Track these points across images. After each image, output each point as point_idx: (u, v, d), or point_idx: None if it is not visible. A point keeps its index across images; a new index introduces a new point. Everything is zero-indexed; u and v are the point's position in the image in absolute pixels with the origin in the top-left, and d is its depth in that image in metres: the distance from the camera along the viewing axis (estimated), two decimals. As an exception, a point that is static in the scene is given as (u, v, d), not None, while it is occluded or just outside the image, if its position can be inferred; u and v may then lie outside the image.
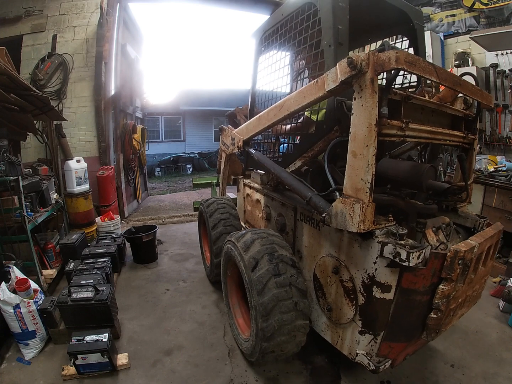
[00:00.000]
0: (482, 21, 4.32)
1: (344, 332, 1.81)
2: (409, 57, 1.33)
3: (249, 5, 6.10)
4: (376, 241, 1.45)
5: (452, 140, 1.96)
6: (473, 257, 1.52)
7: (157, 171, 13.23)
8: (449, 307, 1.55)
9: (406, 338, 1.65)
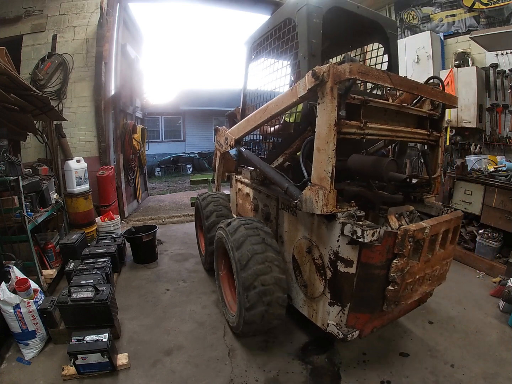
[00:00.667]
0: (482, 21, 4.32)
1: (317, 305, 2.06)
2: (361, 68, 1.60)
3: (249, 5, 6.09)
4: (338, 222, 1.73)
5: (415, 137, 2.22)
6: (425, 237, 1.74)
7: (157, 171, 13.22)
8: (404, 280, 1.77)
9: (369, 309, 1.87)
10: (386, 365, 2.14)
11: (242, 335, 2.39)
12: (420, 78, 4.74)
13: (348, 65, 1.57)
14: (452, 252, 2.13)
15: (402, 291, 1.81)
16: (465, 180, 3.75)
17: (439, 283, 2.19)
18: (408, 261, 1.73)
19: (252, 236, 2.17)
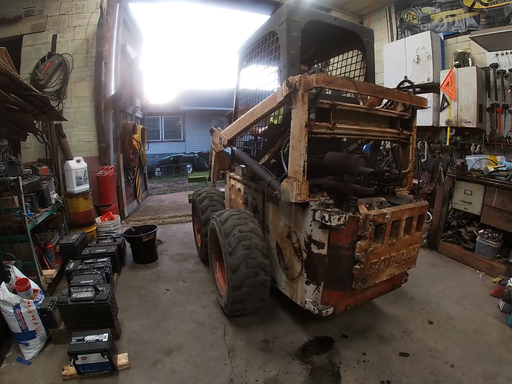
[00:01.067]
0: (482, 21, 4.32)
1: (296, 285, 2.31)
2: (326, 78, 1.88)
3: (249, 5, 6.09)
4: (310, 209, 1.99)
5: (386, 136, 2.47)
6: (386, 222, 1.97)
7: (157, 171, 13.22)
8: (369, 260, 2.00)
9: (340, 287, 2.11)
10: (386, 365, 2.14)
11: (230, 314, 2.60)
12: (420, 78, 4.79)
13: (315, 75, 1.85)
14: (419, 238, 2.34)
15: (368, 270, 2.04)
16: (465, 180, 3.75)
17: (408, 267, 2.38)
18: (371, 243, 1.98)
19: (240, 225, 2.41)
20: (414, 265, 2.41)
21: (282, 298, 2.66)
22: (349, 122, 2.19)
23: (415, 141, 2.63)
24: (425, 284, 3.27)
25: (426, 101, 2.52)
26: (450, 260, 3.84)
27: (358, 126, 2.23)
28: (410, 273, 3.53)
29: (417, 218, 2.22)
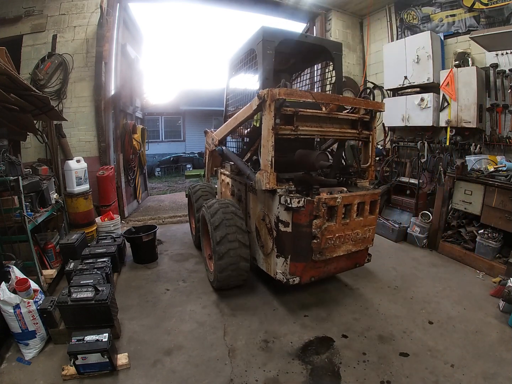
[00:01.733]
0: (482, 21, 4.32)
1: (270, 259, 2.71)
2: (287, 91, 2.31)
3: (249, 5, 6.08)
4: (277, 194, 2.43)
5: (346, 135, 2.89)
6: (337, 204, 2.41)
7: (157, 171, 13.22)
8: (324, 236, 2.43)
9: (303, 259, 2.50)
10: (386, 365, 2.14)
11: (218, 287, 3.04)
12: (420, 78, 4.79)
13: (278, 89, 2.28)
14: (374, 221, 2.75)
15: (324, 244, 2.46)
16: (465, 180, 3.75)
17: (365, 245, 2.78)
18: (324, 221, 2.42)
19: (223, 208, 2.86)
20: (371, 245, 2.83)
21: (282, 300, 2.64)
22: (312, 125, 2.61)
23: (375, 140, 2.99)
24: (425, 284, 3.27)
25: (383, 105, 2.89)
26: (450, 260, 3.84)
27: (320, 127, 2.65)
28: (410, 273, 3.54)
29: (369, 203, 2.64)
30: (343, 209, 2.50)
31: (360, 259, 2.91)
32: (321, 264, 2.61)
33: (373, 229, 2.75)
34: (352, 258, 2.81)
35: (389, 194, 5.24)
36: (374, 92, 3.03)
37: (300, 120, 2.50)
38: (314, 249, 2.44)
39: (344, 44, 6.46)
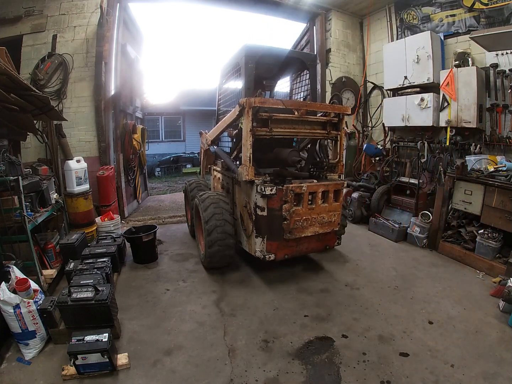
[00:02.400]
0: (482, 21, 4.32)
1: (250, 240, 3.15)
2: (261, 100, 2.81)
3: (249, 5, 6.08)
4: (255, 184, 2.89)
5: (316, 135, 3.34)
6: (303, 192, 2.89)
7: (157, 171, 13.21)
8: (292, 218, 2.90)
9: (277, 239, 2.97)
10: (386, 365, 2.14)
11: (207, 266, 3.48)
12: (420, 78, 4.79)
13: (254, 98, 2.77)
14: (338, 207, 3.21)
15: (292, 225, 2.93)
16: (465, 180, 3.75)
17: (332, 228, 3.23)
18: (292, 205, 2.89)
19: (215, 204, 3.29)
20: (337, 228, 3.28)
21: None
22: (286, 126, 3.06)
23: (343, 139, 3.43)
24: (425, 284, 3.27)
25: (348, 108, 3.39)
26: (450, 260, 3.84)
27: (293, 129, 3.10)
28: (410, 273, 3.55)
29: (333, 192, 3.12)
30: (309, 196, 2.97)
31: (330, 242, 3.39)
32: (293, 244, 3.10)
33: (338, 215, 3.22)
34: (321, 240, 3.30)
35: (389, 194, 5.24)
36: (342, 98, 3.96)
37: (275, 123, 2.97)
38: (285, 229, 2.93)
39: (344, 44, 6.48)
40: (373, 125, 6.45)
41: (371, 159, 6.15)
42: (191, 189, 4.46)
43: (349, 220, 5.49)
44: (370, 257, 3.99)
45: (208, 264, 3.43)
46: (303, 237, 3.08)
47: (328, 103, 3.67)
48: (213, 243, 3.17)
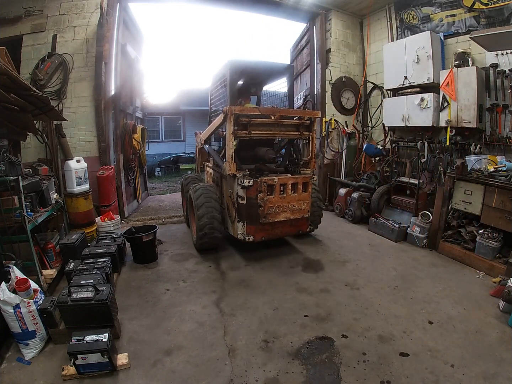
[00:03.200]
0: (482, 21, 4.32)
1: (234, 225, 3.66)
2: (240, 108, 3.40)
3: (249, 5, 6.08)
4: (236, 178, 3.41)
5: (290, 136, 3.91)
6: (274, 183, 3.43)
7: (157, 171, 13.20)
8: (266, 205, 3.43)
9: (254, 223, 3.51)
10: (386, 365, 2.14)
11: (199, 248, 4.01)
12: (420, 78, 4.79)
13: (234, 107, 3.39)
14: (307, 197, 3.72)
15: (266, 211, 3.47)
16: (465, 180, 3.75)
17: (302, 215, 3.73)
18: (266, 195, 3.43)
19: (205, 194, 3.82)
20: (307, 215, 3.79)
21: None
22: (263, 129, 3.59)
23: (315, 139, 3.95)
24: (425, 284, 3.27)
25: (318, 113, 3.94)
26: (450, 260, 3.84)
27: (270, 131, 3.64)
28: (410, 273, 3.55)
29: (302, 184, 3.63)
30: (280, 187, 3.50)
31: (302, 227, 3.92)
32: (269, 227, 3.63)
33: (307, 203, 3.74)
34: (294, 225, 3.81)
35: (389, 194, 5.24)
36: (309, 103, 4.44)
37: (253, 126, 3.50)
38: (260, 214, 3.46)
39: (344, 44, 6.48)
40: (373, 125, 6.44)
41: (371, 159, 6.15)
42: (186, 183, 4.87)
43: (349, 220, 5.49)
44: (370, 257, 3.99)
45: (200, 247, 3.95)
46: (277, 222, 3.61)
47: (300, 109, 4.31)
48: (203, 227, 3.69)
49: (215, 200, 3.82)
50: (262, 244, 4.05)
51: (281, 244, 4.40)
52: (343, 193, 5.72)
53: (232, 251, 4.15)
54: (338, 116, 6.48)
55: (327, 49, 6.38)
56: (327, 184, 6.51)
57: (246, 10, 6.49)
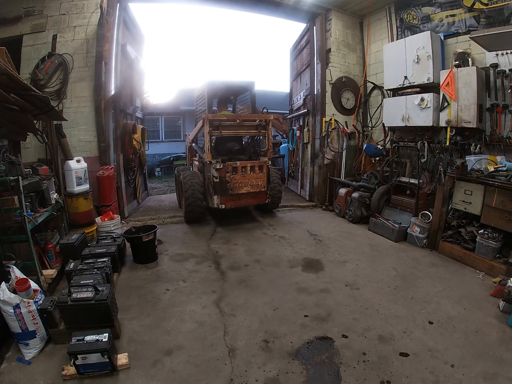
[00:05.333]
0: (482, 21, 4.32)
1: (212, 198, 4.88)
2: (212, 116, 4.94)
3: (249, 5, 6.08)
4: (212, 163, 4.78)
5: (250, 134, 5.30)
6: (237, 166, 4.81)
7: (157, 171, 13.20)
8: (232, 181, 4.79)
9: (224, 194, 4.80)
10: (386, 365, 2.14)
11: (187, 220, 5.32)
12: (420, 78, 4.80)
13: (208, 114, 4.86)
14: (263, 176, 5.03)
15: (232, 185, 4.77)
16: (465, 180, 3.75)
17: (259, 189, 5.04)
18: (231, 174, 4.74)
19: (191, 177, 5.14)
20: (264, 189, 5.11)
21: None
22: (231, 129, 4.97)
23: (270, 135, 5.29)
24: (425, 284, 3.27)
25: (270, 116, 5.25)
26: (450, 260, 3.84)
27: (236, 130, 5.04)
28: (410, 273, 3.56)
29: (258, 167, 4.98)
30: (242, 169, 4.85)
31: (262, 199, 5.23)
32: (236, 198, 4.95)
33: (263, 180, 5.04)
34: (255, 197, 5.15)
35: (389, 194, 5.24)
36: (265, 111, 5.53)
37: (223, 127, 4.87)
38: (228, 188, 4.81)
39: (344, 44, 6.48)
40: (373, 125, 6.44)
41: (371, 159, 6.15)
42: (178, 172, 6.35)
43: (349, 220, 5.49)
44: (370, 257, 3.99)
45: (187, 219, 5.27)
46: (241, 194, 4.93)
47: (258, 114, 5.63)
48: (189, 203, 4.98)
49: (198, 183, 5.08)
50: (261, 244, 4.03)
51: (281, 244, 4.41)
52: (343, 193, 5.72)
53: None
54: (338, 116, 6.49)
55: (327, 49, 6.38)
56: (327, 184, 6.51)
57: (246, 10, 6.49)
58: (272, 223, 5.48)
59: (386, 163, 5.47)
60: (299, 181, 7.62)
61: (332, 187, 6.45)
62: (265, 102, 7.53)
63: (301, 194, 7.47)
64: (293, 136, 7.75)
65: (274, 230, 5.08)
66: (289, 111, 8.42)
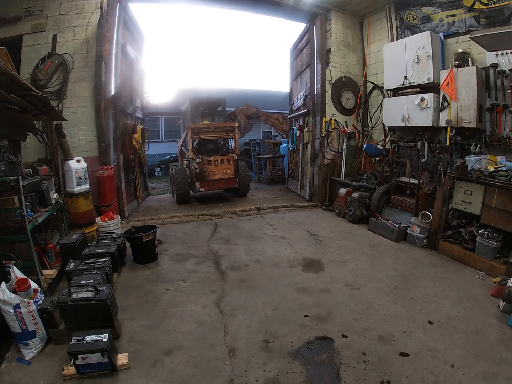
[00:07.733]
0: (482, 21, 4.32)
1: (194, 185, 6.75)
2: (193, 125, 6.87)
3: (249, 5, 6.09)
4: (194, 158, 6.64)
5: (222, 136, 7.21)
6: (211, 159, 6.68)
7: (157, 171, 13.22)
8: (207, 170, 6.65)
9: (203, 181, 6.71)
10: (386, 365, 2.14)
11: (178, 202, 6.85)
12: (420, 78, 4.80)
13: (191, 124, 6.92)
14: (231, 166, 6.82)
15: (208, 173, 6.63)
16: (465, 180, 3.75)
17: (228, 176, 6.80)
18: (207, 166, 6.62)
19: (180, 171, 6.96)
20: (232, 176, 6.83)
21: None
22: (207, 133, 6.80)
23: (237, 136, 7.11)
24: (425, 284, 3.27)
25: (235, 123, 7.16)
26: (450, 260, 3.84)
27: (211, 134, 6.86)
28: (410, 273, 3.56)
29: (227, 160, 6.75)
30: (215, 161, 6.59)
31: (231, 184, 7.00)
32: (211, 183, 6.69)
33: (231, 169, 6.75)
34: (226, 183, 6.92)
35: (389, 194, 5.24)
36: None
37: (202, 133, 6.66)
38: (205, 176, 6.52)
39: (344, 44, 6.49)
40: (373, 125, 6.45)
41: (371, 159, 6.15)
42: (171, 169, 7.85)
43: (349, 220, 5.49)
44: (370, 257, 3.99)
45: (178, 201, 6.81)
46: (215, 180, 6.67)
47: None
48: (179, 188, 6.62)
49: (185, 174, 6.80)
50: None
51: (281, 244, 4.41)
52: (343, 193, 5.72)
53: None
54: (338, 116, 6.49)
55: (327, 49, 6.38)
56: (327, 184, 6.51)
57: (246, 10, 6.50)
58: (272, 223, 5.48)
59: (386, 163, 5.46)
60: (299, 181, 7.63)
61: (332, 187, 6.46)
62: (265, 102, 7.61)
63: (301, 194, 7.48)
64: (293, 136, 7.76)
65: (274, 230, 5.09)
66: (289, 111, 8.43)
